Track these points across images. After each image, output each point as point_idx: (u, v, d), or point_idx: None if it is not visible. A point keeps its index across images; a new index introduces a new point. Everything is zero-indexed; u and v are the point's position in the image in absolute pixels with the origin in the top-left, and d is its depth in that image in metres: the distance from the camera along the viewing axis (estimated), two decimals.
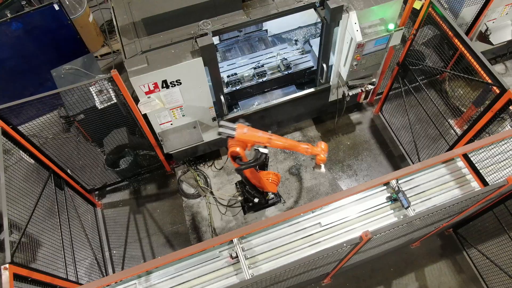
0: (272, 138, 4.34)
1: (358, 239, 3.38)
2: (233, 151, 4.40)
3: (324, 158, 4.52)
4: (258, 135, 4.31)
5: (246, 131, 4.27)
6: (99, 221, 6.12)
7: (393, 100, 6.65)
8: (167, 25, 4.86)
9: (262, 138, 4.31)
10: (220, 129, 4.27)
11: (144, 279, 4.58)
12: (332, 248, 3.39)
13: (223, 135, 4.30)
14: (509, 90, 3.89)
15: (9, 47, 6.05)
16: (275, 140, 4.36)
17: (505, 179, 3.47)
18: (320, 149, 4.49)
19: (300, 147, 4.45)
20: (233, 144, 4.38)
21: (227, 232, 5.38)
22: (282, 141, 4.40)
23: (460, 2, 6.26)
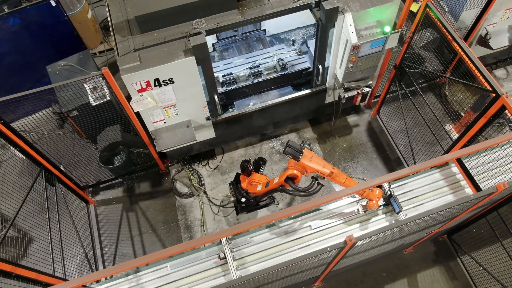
0: (334, 172, 4.19)
1: (342, 244, 3.34)
2: (292, 174, 4.32)
3: (376, 204, 4.45)
4: (322, 166, 4.17)
5: (312, 157, 4.18)
6: (92, 218, 6.12)
7: (391, 103, 6.58)
8: (161, 23, 4.84)
9: (325, 171, 4.16)
10: (287, 148, 4.16)
11: (132, 277, 4.58)
12: (316, 252, 3.35)
13: (288, 155, 4.21)
14: (503, 96, 3.83)
15: (7, 43, 6.07)
16: (337, 176, 4.20)
17: (494, 186, 3.41)
18: (375, 194, 4.40)
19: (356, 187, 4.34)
20: (293, 167, 4.30)
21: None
22: (343, 178, 4.23)
23: (461, 5, 6.19)
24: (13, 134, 4.56)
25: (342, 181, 4.23)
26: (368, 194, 4.35)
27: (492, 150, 4.71)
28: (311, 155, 4.17)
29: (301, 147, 4.18)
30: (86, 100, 5.37)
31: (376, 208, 4.52)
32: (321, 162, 4.18)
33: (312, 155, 4.18)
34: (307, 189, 4.25)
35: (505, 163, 4.63)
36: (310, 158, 4.15)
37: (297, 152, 4.14)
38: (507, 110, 3.88)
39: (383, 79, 6.52)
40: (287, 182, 4.33)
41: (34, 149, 4.90)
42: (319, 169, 4.15)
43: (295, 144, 4.17)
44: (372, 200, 4.41)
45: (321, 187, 4.27)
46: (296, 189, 4.30)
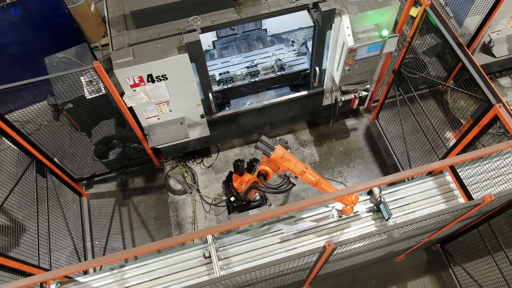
0: (306, 172, 4.11)
1: (321, 249, 3.29)
2: (263, 169, 4.27)
3: (350, 210, 4.38)
4: (294, 163, 4.09)
5: (284, 155, 4.09)
6: (84, 210, 6.14)
7: (390, 108, 6.50)
8: (157, 19, 4.83)
9: (297, 168, 4.09)
10: (259, 143, 4.10)
11: (117, 272, 4.58)
12: (294, 256, 3.31)
13: (259, 151, 4.14)
14: (496, 106, 3.74)
15: (7, 33, 6.12)
16: (309, 175, 4.12)
17: (481, 198, 3.33)
18: (351, 200, 4.32)
19: (330, 191, 4.20)
20: (265, 163, 4.25)
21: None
22: (315, 177, 4.14)
23: (465, 10, 6.08)
24: (5, 124, 4.58)
25: (314, 182, 4.14)
26: (342, 198, 4.26)
27: (486, 160, 4.61)
28: (283, 152, 4.07)
29: (274, 143, 4.10)
30: (81, 93, 5.39)
31: (350, 213, 4.43)
32: (293, 160, 4.09)
33: (284, 152, 4.07)
34: (277, 187, 4.19)
35: (500, 174, 4.53)
36: (281, 155, 4.05)
37: (268, 148, 4.07)
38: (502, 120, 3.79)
39: (383, 84, 6.44)
40: (259, 179, 4.27)
41: (26, 140, 4.92)
42: (290, 167, 4.08)
43: (268, 140, 4.10)
44: (347, 205, 4.32)
45: (292, 186, 4.18)
46: (266, 186, 4.24)
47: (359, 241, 3.41)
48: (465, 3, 6.01)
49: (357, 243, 3.51)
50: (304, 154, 6.65)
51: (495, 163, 4.49)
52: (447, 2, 6.49)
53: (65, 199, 5.90)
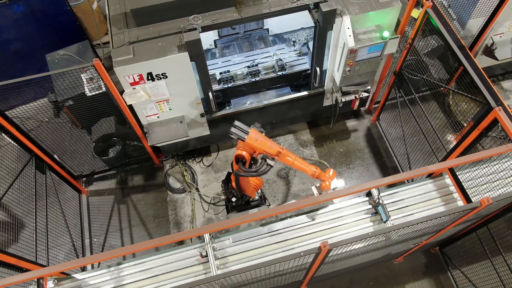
0: (282, 152, 4.10)
1: (317, 250, 3.28)
2: (240, 154, 4.24)
3: (329, 186, 4.35)
4: (269, 145, 4.08)
5: (258, 138, 4.08)
6: (83, 208, 6.16)
7: (391, 110, 6.47)
8: (157, 18, 4.83)
9: (272, 149, 4.08)
10: (232, 129, 4.07)
11: (114, 269, 4.59)
12: (289, 257, 3.30)
13: (234, 136, 4.12)
14: (495, 109, 3.71)
15: (10, 30, 6.14)
16: (285, 155, 4.12)
17: (478, 201, 3.31)
18: (328, 175, 4.32)
19: (308, 168, 4.24)
20: (241, 147, 4.22)
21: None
22: (291, 157, 4.15)
23: (468, 12, 6.04)
24: (5, 121, 4.59)
25: (291, 162, 4.15)
26: (319, 174, 4.26)
27: (485, 163, 4.58)
28: (258, 135, 4.06)
29: (248, 128, 4.07)
30: (81, 90, 5.40)
31: (329, 189, 4.38)
32: (268, 142, 4.08)
33: (259, 135, 4.07)
34: (257, 169, 4.15)
35: (499, 177, 4.50)
36: (256, 138, 4.03)
37: (242, 132, 4.04)
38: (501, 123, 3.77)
39: (384, 85, 6.41)
40: (237, 164, 4.25)
41: (26, 137, 4.94)
42: (266, 149, 4.07)
43: (241, 124, 4.07)
44: (325, 181, 4.30)
45: (270, 167, 4.16)
46: (246, 170, 4.20)
47: (355, 243, 3.39)
48: (468, 5, 5.98)
49: (353, 245, 3.50)
50: (304, 155, 6.64)
51: (494, 167, 4.46)
52: (450, 4, 6.47)
53: (65, 196, 5.91)
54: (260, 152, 4.17)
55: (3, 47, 6.35)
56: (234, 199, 5.45)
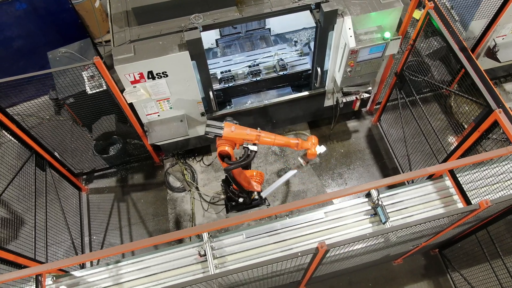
0: (261, 135, 4.21)
1: (314, 250, 3.27)
2: (222, 150, 4.28)
3: (315, 152, 4.41)
4: (247, 132, 4.18)
5: (233, 129, 4.16)
6: (83, 205, 6.17)
7: (392, 111, 6.45)
8: (158, 16, 4.83)
9: (251, 135, 4.18)
10: (207, 128, 4.14)
11: (113, 267, 4.60)
12: (286, 257, 3.29)
13: (210, 135, 4.18)
14: (495, 111, 3.69)
15: (12, 27, 6.16)
16: (264, 137, 4.22)
17: (477, 203, 3.29)
18: (311, 143, 4.38)
19: (290, 142, 4.34)
20: (222, 143, 4.27)
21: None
22: (271, 137, 4.26)
23: (471, 14, 6.02)
24: (6, 118, 4.61)
25: (272, 141, 4.22)
26: (302, 144, 4.31)
27: (486, 165, 4.56)
28: (232, 126, 4.13)
29: (221, 123, 4.13)
30: (82, 88, 5.41)
31: (315, 156, 4.43)
32: (244, 130, 4.15)
33: (233, 126, 4.13)
34: (244, 159, 4.24)
35: (499, 180, 4.48)
36: (231, 130, 4.11)
37: (217, 128, 4.11)
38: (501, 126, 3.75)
39: (385, 86, 6.40)
40: (224, 161, 4.30)
41: (26, 134, 4.95)
42: (244, 137, 4.13)
43: (214, 121, 4.14)
44: (310, 149, 4.35)
45: (254, 152, 4.26)
46: (233, 163, 4.26)
47: (353, 244, 3.38)
48: (471, 7, 5.95)
49: (351, 246, 3.49)
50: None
51: (494, 169, 4.44)
52: (453, 5, 6.44)
53: (65, 193, 5.93)
54: (240, 142, 4.25)
55: (5, 44, 6.37)
56: (241, 199, 5.41)
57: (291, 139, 4.35)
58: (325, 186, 6.37)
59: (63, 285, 4.47)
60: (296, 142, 4.34)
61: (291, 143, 4.34)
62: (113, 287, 4.46)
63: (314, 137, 4.45)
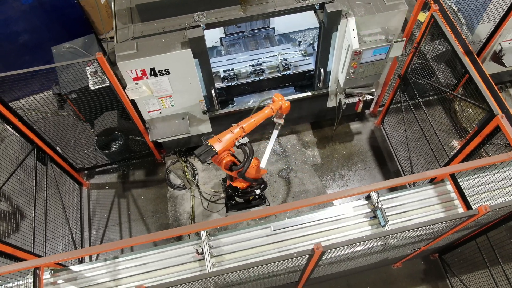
0: (243, 126, 4.34)
1: (310, 251, 3.26)
2: (228, 161, 4.41)
3: (287, 104, 4.56)
4: (232, 134, 4.30)
5: (221, 140, 4.28)
6: (84, 200, 6.20)
7: (395, 114, 6.41)
8: (162, 14, 4.83)
9: (237, 133, 4.31)
10: (201, 158, 4.18)
11: (111, 263, 4.61)
12: (282, 257, 3.28)
13: (209, 160, 4.26)
14: (498, 116, 3.65)
15: (18, 22, 6.20)
16: (247, 126, 4.37)
17: (476, 209, 3.26)
18: (278, 99, 4.51)
19: (266, 113, 4.49)
20: (222, 157, 4.38)
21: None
22: (251, 121, 4.41)
23: (477, 17, 5.96)
24: (8, 111, 4.63)
25: (254, 124, 4.39)
26: (274, 105, 4.48)
27: (487, 171, 4.51)
28: (217, 138, 4.25)
29: (206, 144, 4.23)
30: (85, 83, 5.43)
31: (289, 107, 4.59)
32: (227, 131, 4.28)
33: (218, 138, 4.26)
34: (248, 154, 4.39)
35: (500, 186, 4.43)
36: (221, 142, 4.23)
37: (209, 150, 4.20)
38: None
39: (389, 88, 6.35)
40: (233, 170, 4.46)
41: (29, 127, 4.97)
42: (233, 138, 4.27)
43: (201, 148, 4.21)
44: (282, 105, 4.52)
45: (248, 142, 4.40)
46: (244, 164, 4.41)
47: (349, 246, 3.36)
48: (478, 10, 5.90)
49: (348, 248, 3.47)
50: (306, 156, 6.61)
51: (496, 175, 4.39)
52: (459, 8, 6.38)
53: (66, 188, 5.96)
54: (231, 145, 4.37)
55: (11, 38, 6.41)
56: (258, 191, 5.41)
57: (265, 111, 4.49)
58: (326, 187, 6.34)
59: (61, 279, 4.48)
60: (270, 109, 4.49)
61: (267, 113, 4.50)
62: (110, 282, 4.48)
63: (276, 94, 4.58)
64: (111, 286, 4.46)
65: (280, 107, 4.52)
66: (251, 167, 4.93)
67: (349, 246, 3.38)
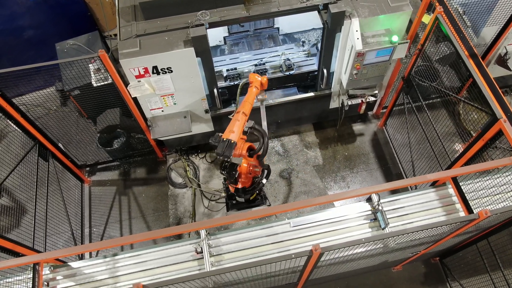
0: (244, 111, 4.37)
1: (308, 253, 3.24)
2: (248, 147, 4.42)
3: (265, 79, 4.64)
4: (239, 122, 4.30)
5: (233, 131, 4.25)
6: (85, 197, 6.21)
7: (398, 116, 6.38)
8: (165, 12, 4.83)
9: (242, 119, 4.32)
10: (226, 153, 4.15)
11: (110, 260, 4.62)
12: (280, 258, 3.27)
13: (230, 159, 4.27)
14: (500, 120, 3.62)
15: (23, 17, 6.22)
16: (246, 110, 4.40)
17: (476, 213, 3.23)
18: (256, 77, 4.59)
19: (254, 91, 4.57)
20: (241, 146, 4.34)
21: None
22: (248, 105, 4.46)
23: (483, 20, 5.92)
24: (10, 106, 4.65)
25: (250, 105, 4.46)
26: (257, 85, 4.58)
27: (489, 175, 4.48)
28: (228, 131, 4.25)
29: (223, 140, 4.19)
30: (88, 80, 5.44)
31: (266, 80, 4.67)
32: (233, 121, 4.30)
33: (228, 130, 4.26)
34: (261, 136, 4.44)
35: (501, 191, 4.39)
36: (231, 132, 4.22)
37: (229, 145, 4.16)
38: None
39: (392, 90, 6.32)
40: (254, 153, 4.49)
41: (31, 123, 4.99)
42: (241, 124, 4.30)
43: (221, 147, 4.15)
44: (261, 80, 4.61)
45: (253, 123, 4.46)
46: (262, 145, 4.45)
47: (348, 248, 3.35)
48: (483, 13, 5.85)
49: (346, 250, 3.45)
50: (308, 156, 6.59)
51: (498, 179, 4.36)
52: (465, 11, 6.34)
53: (67, 184, 5.98)
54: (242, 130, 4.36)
55: (16, 34, 6.44)
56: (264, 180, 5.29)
57: (252, 90, 4.57)
58: (327, 188, 6.32)
59: (60, 275, 4.49)
60: (255, 88, 4.57)
61: (255, 92, 4.58)
62: (109, 279, 4.48)
63: (251, 74, 4.64)
64: (110, 283, 4.46)
65: (260, 83, 4.62)
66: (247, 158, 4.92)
67: (347, 248, 3.37)
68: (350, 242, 3.27)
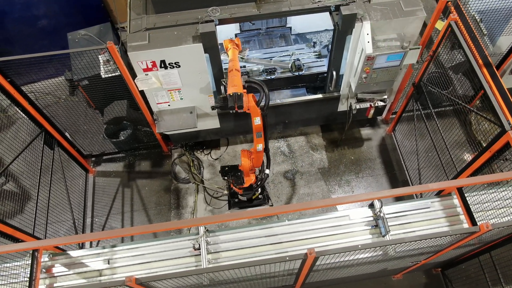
0: (235, 69, 4.49)
1: (303, 256, 3.21)
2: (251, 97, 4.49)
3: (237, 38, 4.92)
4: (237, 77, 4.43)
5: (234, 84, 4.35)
6: (89, 187, 6.26)
7: (407, 122, 6.28)
8: (176, 6, 4.82)
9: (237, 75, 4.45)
10: (238, 104, 4.29)
11: (108, 251, 4.63)
12: (274, 260, 3.24)
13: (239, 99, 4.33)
14: (509, 132, 3.53)
15: (37, 6, 6.28)
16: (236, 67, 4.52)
17: (477, 226, 3.16)
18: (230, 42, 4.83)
19: (235, 50, 4.76)
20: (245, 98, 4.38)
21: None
22: (235, 63, 4.58)
23: (500, 28, 5.79)
24: (18, 93, 4.69)
25: (238, 63, 4.63)
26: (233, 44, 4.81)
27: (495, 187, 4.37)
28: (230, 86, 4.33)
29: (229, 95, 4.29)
30: (97, 71, 5.47)
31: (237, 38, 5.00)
32: (231, 77, 4.40)
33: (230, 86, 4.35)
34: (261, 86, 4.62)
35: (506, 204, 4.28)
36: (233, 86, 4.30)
37: (238, 96, 4.28)
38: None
39: (403, 96, 6.23)
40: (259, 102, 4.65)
41: (38, 111, 5.03)
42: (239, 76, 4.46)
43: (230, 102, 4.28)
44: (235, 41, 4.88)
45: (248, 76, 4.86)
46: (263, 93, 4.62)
47: (344, 254, 3.30)
48: (501, 21, 5.72)
49: (343, 256, 3.41)
50: (313, 158, 6.53)
51: (504, 192, 4.25)
52: (482, 19, 6.20)
53: (72, 173, 6.03)
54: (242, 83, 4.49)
55: (30, 22, 6.50)
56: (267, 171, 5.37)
57: (234, 52, 4.72)
58: (331, 192, 6.26)
59: (59, 263, 4.53)
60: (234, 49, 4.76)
61: (236, 51, 4.78)
62: (106, 270, 4.50)
63: (224, 40, 4.90)
64: (107, 274, 4.49)
65: (234, 43, 4.85)
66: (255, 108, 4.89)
67: (344, 254, 3.32)
68: (346, 247, 3.22)
